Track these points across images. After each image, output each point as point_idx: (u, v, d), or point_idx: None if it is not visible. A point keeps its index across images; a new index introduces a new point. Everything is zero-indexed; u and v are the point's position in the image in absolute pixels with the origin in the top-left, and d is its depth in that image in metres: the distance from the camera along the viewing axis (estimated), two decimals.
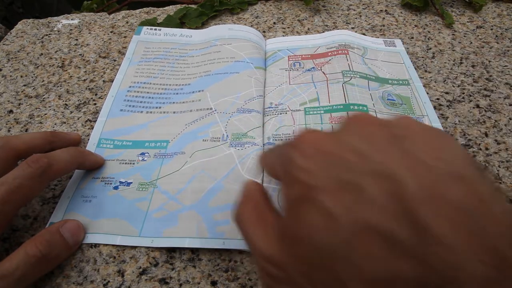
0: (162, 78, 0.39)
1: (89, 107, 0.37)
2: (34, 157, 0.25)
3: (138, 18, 0.48)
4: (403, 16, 0.47)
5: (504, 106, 0.36)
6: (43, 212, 0.29)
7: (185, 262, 0.26)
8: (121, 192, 0.29)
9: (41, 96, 0.38)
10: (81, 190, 0.30)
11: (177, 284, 0.25)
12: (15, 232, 0.28)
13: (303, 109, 0.34)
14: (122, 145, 0.33)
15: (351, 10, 0.48)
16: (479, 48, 0.42)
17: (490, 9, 0.48)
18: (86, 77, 0.40)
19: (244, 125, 0.33)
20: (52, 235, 0.25)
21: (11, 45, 0.45)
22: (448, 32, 0.44)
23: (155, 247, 0.27)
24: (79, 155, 0.29)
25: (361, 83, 0.36)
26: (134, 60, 0.41)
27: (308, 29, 0.45)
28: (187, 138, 0.33)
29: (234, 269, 0.26)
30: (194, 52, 0.42)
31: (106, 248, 0.27)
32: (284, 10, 0.48)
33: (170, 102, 0.36)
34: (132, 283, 0.25)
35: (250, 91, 0.36)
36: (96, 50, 0.43)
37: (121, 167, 0.31)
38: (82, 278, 0.25)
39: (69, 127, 0.35)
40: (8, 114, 0.37)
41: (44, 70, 0.41)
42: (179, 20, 0.46)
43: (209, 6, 0.48)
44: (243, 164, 0.30)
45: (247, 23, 0.47)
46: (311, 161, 0.15)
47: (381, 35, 0.44)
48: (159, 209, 0.28)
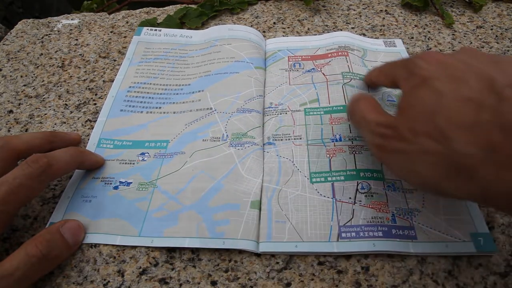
0: (162, 79, 0.39)
1: (89, 107, 0.37)
2: (34, 157, 0.25)
3: (138, 18, 0.48)
4: (403, 16, 0.47)
5: None
6: (43, 212, 0.29)
7: (185, 262, 0.26)
8: (121, 192, 0.29)
9: (41, 96, 0.38)
10: (81, 190, 0.30)
11: (177, 284, 0.25)
12: (15, 232, 0.28)
13: (303, 109, 0.34)
14: (122, 145, 0.33)
15: (351, 10, 0.48)
16: (479, 48, 0.42)
17: (490, 9, 0.48)
18: (86, 77, 0.40)
19: (244, 125, 0.33)
20: (52, 235, 0.25)
21: (11, 45, 0.45)
22: (448, 32, 0.44)
23: (155, 247, 0.27)
24: (79, 155, 0.29)
25: (361, 84, 0.36)
26: (134, 60, 0.41)
27: (308, 29, 0.45)
28: (187, 138, 0.33)
29: (234, 269, 0.26)
30: (194, 53, 0.42)
31: (106, 248, 0.27)
32: (284, 10, 0.48)
33: (170, 102, 0.36)
34: (132, 283, 0.25)
35: (250, 91, 0.36)
36: (96, 50, 0.44)
37: (121, 167, 0.31)
38: (82, 278, 0.25)
39: (69, 127, 0.35)
40: (8, 114, 0.37)
41: (44, 70, 0.41)
42: (179, 20, 0.46)
43: (209, 6, 0.48)
44: (243, 164, 0.30)
45: (247, 23, 0.47)
46: (432, 65, 0.22)
47: (381, 35, 0.44)
48: (159, 209, 0.28)
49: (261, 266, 0.26)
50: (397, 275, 0.25)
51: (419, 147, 0.20)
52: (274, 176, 0.30)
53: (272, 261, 0.26)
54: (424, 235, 0.26)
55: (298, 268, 0.25)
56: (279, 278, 0.25)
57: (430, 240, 0.26)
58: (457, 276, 0.25)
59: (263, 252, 0.26)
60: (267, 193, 0.29)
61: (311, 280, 0.25)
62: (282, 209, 0.28)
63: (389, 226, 0.26)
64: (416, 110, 0.21)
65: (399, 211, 0.27)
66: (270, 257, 0.26)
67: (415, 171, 0.21)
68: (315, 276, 0.25)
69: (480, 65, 0.20)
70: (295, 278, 0.25)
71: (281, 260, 0.26)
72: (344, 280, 0.25)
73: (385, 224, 0.26)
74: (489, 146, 0.17)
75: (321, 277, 0.25)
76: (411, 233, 0.26)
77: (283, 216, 0.28)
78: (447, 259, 0.25)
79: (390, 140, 0.22)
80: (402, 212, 0.27)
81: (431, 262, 0.25)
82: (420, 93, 0.21)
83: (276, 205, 0.28)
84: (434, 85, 0.20)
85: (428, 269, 0.25)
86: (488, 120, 0.18)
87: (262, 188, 0.29)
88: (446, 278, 0.25)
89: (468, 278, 0.25)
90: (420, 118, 0.20)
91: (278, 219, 0.27)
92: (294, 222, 0.27)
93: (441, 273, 0.25)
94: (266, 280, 0.25)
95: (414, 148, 0.20)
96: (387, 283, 0.24)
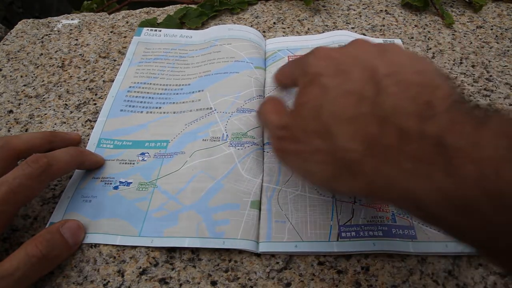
0: (162, 79, 0.39)
1: (89, 107, 0.37)
2: (34, 157, 0.25)
3: (138, 18, 0.48)
4: (403, 16, 0.47)
5: (504, 106, 0.36)
6: (43, 212, 0.29)
7: (185, 262, 0.26)
8: (121, 192, 0.29)
9: (41, 96, 0.38)
10: (81, 190, 0.30)
11: (177, 284, 0.25)
12: (15, 232, 0.28)
13: None
14: (122, 145, 0.33)
15: (351, 10, 0.48)
16: (479, 48, 0.42)
17: (490, 9, 0.48)
18: (86, 77, 0.40)
19: (244, 124, 0.33)
20: (53, 235, 0.25)
21: (11, 45, 0.45)
22: (448, 32, 0.44)
23: (155, 247, 0.27)
24: (79, 155, 0.29)
25: None
26: (134, 60, 0.41)
27: (308, 29, 0.45)
28: (187, 138, 0.33)
29: (234, 269, 0.26)
30: (194, 53, 0.42)
31: (106, 248, 0.27)
32: (284, 10, 0.48)
33: (170, 102, 0.36)
34: (132, 283, 0.25)
35: (250, 91, 0.36)
36: (96, 50, 0.44)
37: (121, 167, 0.31)
38: (82, 278, 0.25)
39: (69, 127, 0.35)
40: (8, 114, 0.37)
41: (44, 70, 0.41)
42: (179, 20, 0.46)
43: (209, 6, 0.48)
44: (243, 163, 0.30)
45: (247, 23, 0.47)
46: (321, 61, 0.21)
47: (381, 35, 0.44)
48: (159, 209, 0.28)
49: (261, 266, 0.26)
50: (397, 275, 0.25)
51: (310, 147, 0.20)
52: (274, 176, 0.30)
53: (272, 261, 0.26)
54: (424, 234, 0.26)
55: (298, 268, 0.25)
56: (279, 278, 0.25)
57: (430, 240, 0.26)
58: (457, 276, 0.25)
59: (263, 252, 0.26)
60: (267, 193, 0.29)
61: (311, 280, 0.25)
62: (282, 209, 0.28)
63: (389, 226, 0.26)
64: (305, 108, 0.20)
65: (399, 210, 0.27)
66: (270, 257, 0.26)
67: (310, 171, 0.20)
68: (315, 276, 0.25)
69: (365, 56, 0.20)
70: (295, 278, 0.25)
71: (281, 260, 0.26)
72: (344, 280, 0.25)
73: (385, 224, 0.26)
74: (368, 139, 0.17)
75: (321, 277, 0.25)
76: (411, 233, 0.26)
77: (283, 216, 0.28)
78: (447, 259, 0.25)
79: (286, 142, 0.22)
80: (402, 211, 0.27)
81: (431, 262, 0.25)
82: (309, 91, 0.21)
83: (276, 205, 0.28)
84: (321, 81, 0.20)
85: (428, 269, 0.25)
86: (366, 112, 0.17)
87: (262, 188, 0.29)
88: (446, 278, 0.25)
89: (468, 278, 0.25)
90: (309, 117, 0.20)
91: (278, 219, 0.27)
92: (294, 222, 0.27)
93: (441, 273, 0.25)
94: (266, 280, 0.25)
95: (307, 148, 0.20)
96: (387, 283, 0.24)
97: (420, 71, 0.18)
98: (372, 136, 0.17)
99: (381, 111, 0.17)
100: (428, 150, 0.15)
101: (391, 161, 0.16)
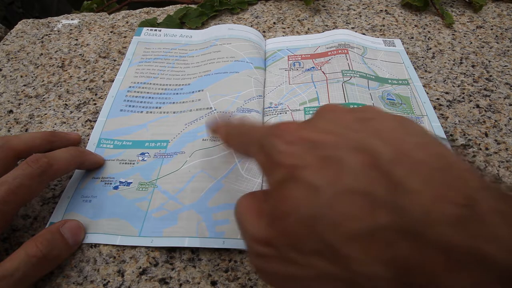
0: (162, 79, 0.39)
1: (89, 107, 0.37)
2: (34, 157, 0.25)
3: (138, 18, 0.48)
4: (403, 16, 0.47)
5: (504, 106, 0.36)
6: (43, 212, 0.29)
7: (185, 262, 0.26)
8: (121, 192, 0.29)
9: (41, 96, 0.38)
10: (81, 190, 0.30)
11: (177, 284, 0.25)
12: (15, 232, 0.28)
13: (303, 108, 0.34)
14: (122, 145, 0.33)
15: (351, 10, 0.48)
16: (479, 48, 0.42)
17: (490, 9, 0.48)
18: (86, 77, 0.40)
19: None
20: (53, 235, 0.25)
21: (11, 45, 0.45)
22: (448, 32, 0.44)
23: (155, 247, 0.27)
24: (79, 155, 0.29)
25: (361, 82, 0.36)
26: (134, 60, 0.41)
27: (308, 29, 0.45)
28: (187, 138, 0.33)
29: (234, 269, 0.26)
30: (194, 52, 0.42)
31: (106, 248, 0.27)
32: (284, 10, 0.48)
33: (170, 102, 0.36)
34: (132, 283, 0.25)
35: (250, 91, 0.36)
36: (96, 50, 0.44)
37: (121, 167, 0.31)
38: (82, 278, 0.25)
39: (69, 127, 0.35)
40: (8, 114, 0.37)
41: (44, 70, 0.41)
42: (179, 20, 0.46)
43: (209, 6, 0.48)
44: (242, 163, 0.30)
45: (247, 23, 0.47)
46: (293, 146, 0.16)
47: (381, 35, 0.44)
48: (159, 208, 0.28)
49: None
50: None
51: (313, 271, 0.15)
52: None
53: None
54: None
55: None
56: None
57: None
58: None
59: None
60: None
61: None
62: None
63: None
64: (292, 220, 0.15)
65: None
66: None
67: None
68: None
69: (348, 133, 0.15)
70: None
71: None
72: None
73: None
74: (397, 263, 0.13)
75: None
76: None
77: None
78: None
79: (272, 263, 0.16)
80: None
81: None
82: (291, 194, 0.15)
83: None
84: (305, 177, 0.15)
85: None
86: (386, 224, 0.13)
87: (262, 188, 0.29)
88: None
89: None
90: (301, 233, 0.15)
91: None
92: None
93: None
94: None
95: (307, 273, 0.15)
96: None
97: (423, 144, 0.14)
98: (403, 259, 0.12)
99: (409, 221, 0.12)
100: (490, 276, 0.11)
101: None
